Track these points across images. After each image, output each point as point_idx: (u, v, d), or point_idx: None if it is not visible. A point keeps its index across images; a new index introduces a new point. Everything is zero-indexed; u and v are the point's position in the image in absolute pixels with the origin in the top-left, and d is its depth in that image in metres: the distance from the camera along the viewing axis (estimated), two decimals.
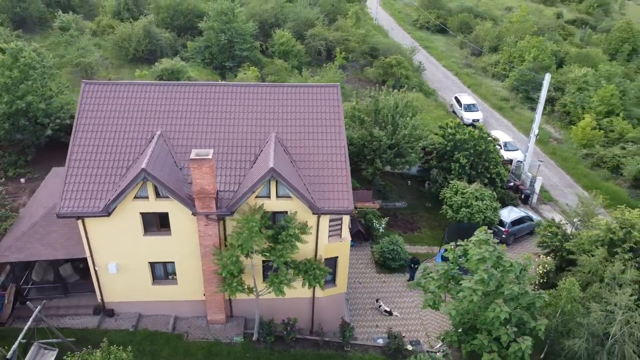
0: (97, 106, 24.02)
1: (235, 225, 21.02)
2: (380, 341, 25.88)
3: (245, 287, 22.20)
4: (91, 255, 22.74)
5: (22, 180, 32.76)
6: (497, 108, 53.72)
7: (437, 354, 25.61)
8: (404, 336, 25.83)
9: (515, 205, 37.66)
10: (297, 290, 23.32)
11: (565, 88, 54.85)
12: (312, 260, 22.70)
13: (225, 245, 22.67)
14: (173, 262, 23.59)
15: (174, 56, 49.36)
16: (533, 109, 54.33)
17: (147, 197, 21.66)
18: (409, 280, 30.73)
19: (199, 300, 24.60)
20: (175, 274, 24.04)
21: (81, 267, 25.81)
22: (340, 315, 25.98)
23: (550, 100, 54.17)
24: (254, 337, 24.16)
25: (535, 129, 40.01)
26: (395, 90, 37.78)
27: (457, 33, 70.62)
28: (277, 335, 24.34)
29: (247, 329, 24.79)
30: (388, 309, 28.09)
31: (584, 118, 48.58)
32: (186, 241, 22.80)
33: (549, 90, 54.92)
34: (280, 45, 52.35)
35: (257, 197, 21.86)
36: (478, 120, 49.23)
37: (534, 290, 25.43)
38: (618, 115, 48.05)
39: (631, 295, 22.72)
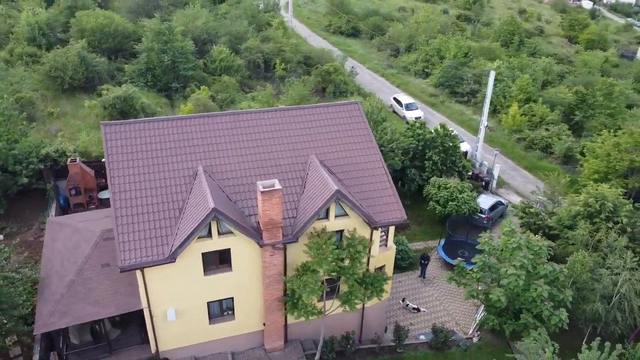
0: (125, 148, 22.68)
1: (311, 250, 21.25)
2: (423, 337, 27.56)
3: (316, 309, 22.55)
4: (149, 305, 21.55)
5: (0, 236, 29.33)
6: (429, 104, 57.83)
7: (473, 339, 27.91)
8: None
9: (481, 193, 41.50)
10: None
11: (482, 80, 60.57)
12: (374, 272, 23.65)
13: (285, 273, 22.79)
14: (231, 298, 23.10)
15: (112, 82, 46.63)
16: (460, 102, 59.54)
17: (209, 236, 21.10)
18: (420, 276, 32.77)
19: (256, 331, 24.37)
20: (232, 310, 23.54)
21: (117, 320, 24.18)
22: (383, 320, 27.22)
23: (472, 93, 59.71)
24: (317, 357, 24.51)
25: (484, 121, 44.22)
26: (368, 97, 39.55)
27: (374, 35, 74.30)
28: (336, 351, 24.97)
29: (305, 351, 25.03)
30: (415, 306, 29.84)
31: (508, 106, 54.47)
32: (247, 274, 22.54)
33: (469, 84, 60.82)
34: (220, 62, 51.58)
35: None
36: (420, 117, 52.75)
37: None
38: (535, 101, 54.49)
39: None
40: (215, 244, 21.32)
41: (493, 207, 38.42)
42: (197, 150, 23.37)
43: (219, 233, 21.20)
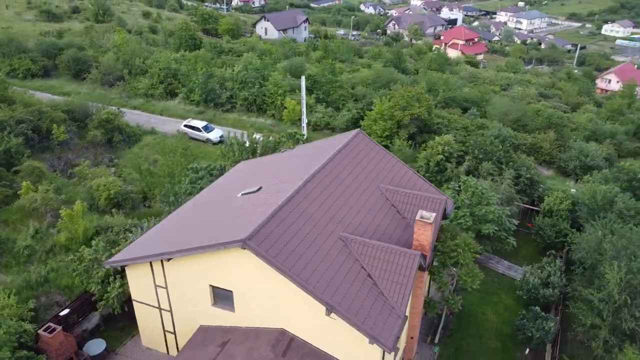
0: (286, 249, 20.65)
1: (453, 252, 25.53)
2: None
3: None
4: None
5: None
6: (208, 120, 59.11)
7: None
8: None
9: None
10: None
11: (226, 84, 65.12)
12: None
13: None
14: None
15: None
16: (226, 111, 62.92)
17: None
18: None
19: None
20: None
21: None
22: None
23: (229, 100, 63.98)
24: (437, 338, 28.94)
25: (304, 119, 50.98)
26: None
27: (82, 70, 66.71)
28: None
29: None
30: None
31: (272, 102, 61.84)
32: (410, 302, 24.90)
33: (223, 92, 64.47)
34: None
35: None
36: (222, 135, 54.70)
37: None
38: (293, 91, 63.57)
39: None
40: None
41: None
42: (324, 221, 23.12)
43: None
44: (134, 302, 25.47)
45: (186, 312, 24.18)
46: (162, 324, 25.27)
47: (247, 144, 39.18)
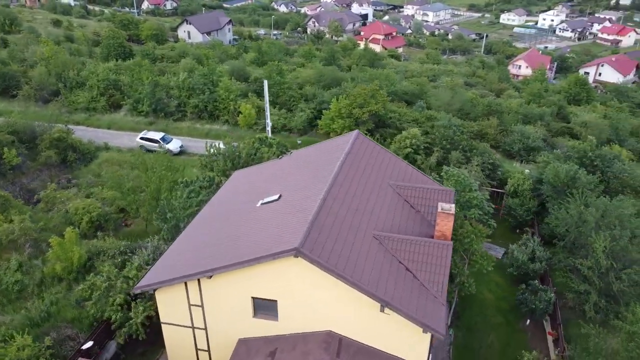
0: (334, 254, 21.17)
1: (467, 238, 27.21)
2: None
3: None
4: None
5: None
6: (161, 130, 57.20)
7: None
8: None
9: None
10: None
11: (172, 92, 63.35)
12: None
13: None
14: None
15: None
16: (177, 120, 61.15)
17: None
18: None
19: None
20: None
21: None
22: None
23: (179, 109, 62.32)
24: (448, 322, 30.64)
25: (269, 123, 51.01)
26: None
27: (10, 86, 61.82)
28: None
29: None
30: None
31: (225, 108, 61.06)
32: None
33: (166, 99, 62.56)
34: None
35: None
36: (182, 145, 53.44)
37: None
38: (247, 96, 62.99)
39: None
40: None
41: None
42: (356, 222, 23.82)
43: None
44: (162, 325, 24.70)
45: (223, 327, 23.86)
46: (195, 343, 24.77)
47: (227, 154, 38.81)
